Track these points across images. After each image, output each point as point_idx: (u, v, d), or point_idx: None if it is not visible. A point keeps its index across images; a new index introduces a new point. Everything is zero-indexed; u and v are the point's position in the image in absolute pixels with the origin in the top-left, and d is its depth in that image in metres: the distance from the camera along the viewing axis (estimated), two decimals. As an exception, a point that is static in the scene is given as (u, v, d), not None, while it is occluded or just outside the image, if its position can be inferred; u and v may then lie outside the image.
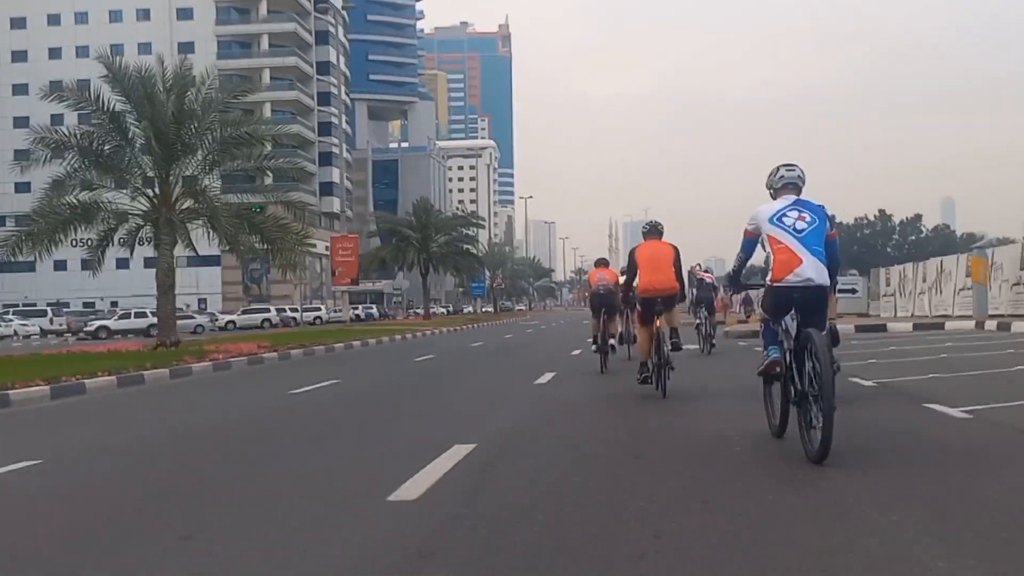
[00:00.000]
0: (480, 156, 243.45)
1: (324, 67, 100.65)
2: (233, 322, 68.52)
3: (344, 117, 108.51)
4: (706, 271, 23.01)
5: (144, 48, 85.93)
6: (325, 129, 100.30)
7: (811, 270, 6.66)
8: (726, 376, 14.10)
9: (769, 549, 4.45)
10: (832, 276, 6.94)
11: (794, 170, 7.24)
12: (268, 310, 70.12)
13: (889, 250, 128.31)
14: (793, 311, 6.83)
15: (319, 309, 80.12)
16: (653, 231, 11.91)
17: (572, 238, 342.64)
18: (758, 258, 7.36)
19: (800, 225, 6.80)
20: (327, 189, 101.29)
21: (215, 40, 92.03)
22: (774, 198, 7.22)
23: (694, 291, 20.61)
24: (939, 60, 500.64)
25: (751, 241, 7.22)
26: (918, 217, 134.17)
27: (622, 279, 14.50)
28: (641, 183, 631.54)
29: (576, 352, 22.47)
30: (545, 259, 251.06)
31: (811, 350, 6.35)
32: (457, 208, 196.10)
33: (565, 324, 52.91)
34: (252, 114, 28.08)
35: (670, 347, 11.07)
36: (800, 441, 6.57)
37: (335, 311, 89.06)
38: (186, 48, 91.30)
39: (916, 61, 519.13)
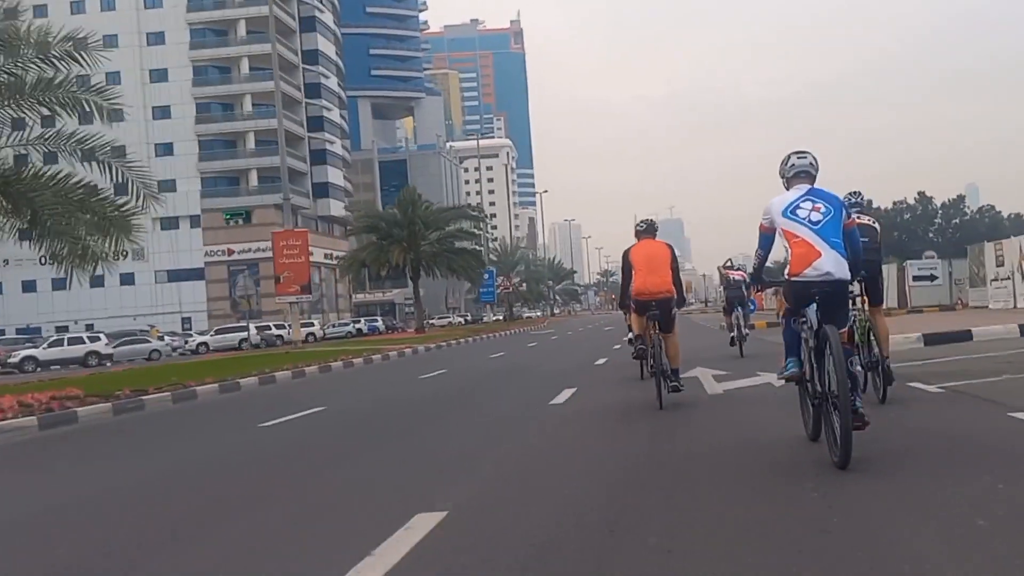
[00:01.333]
0: (497, 156, 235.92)
1: (312, 56, 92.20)
2: (206, 344, 59.78)
3: (340, 112, 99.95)
4: (737, 269, 20.65)
5: (110, 40, 77.70)
6: (316, 123, 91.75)
7: (830, 263, 6.39)
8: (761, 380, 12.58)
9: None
10: (855, 269, 6.72)
11: (805, 157, 6.90)
12: (246, 329, 61.42)
13: (931, 235, 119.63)
14: (815, 307, 6.51)
15: (312, 325, 71.54)
16: (649, 230, 11.06)
17: (596, 239, 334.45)
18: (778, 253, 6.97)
19: (815, 216, 6.51)
20: (322, 190, 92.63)
21: (187, 29, 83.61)
22: (787, 188, 6.86)
23: (723, 291, 19.88)
24: (952, 46, 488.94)
25: (767, 236, 6.89)
26: (961, 199, 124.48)
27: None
28: (665, 184, 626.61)
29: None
30: (568, 261, 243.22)
31: (829, 348, 6.18)
32: (471, 208, 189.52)
33: (578, 335, 44.29)
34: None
35: (670, 390, 10.29)
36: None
37: (333, 326, 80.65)
38: (156, 38, 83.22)
39: (929, 48, 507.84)
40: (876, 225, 9.46)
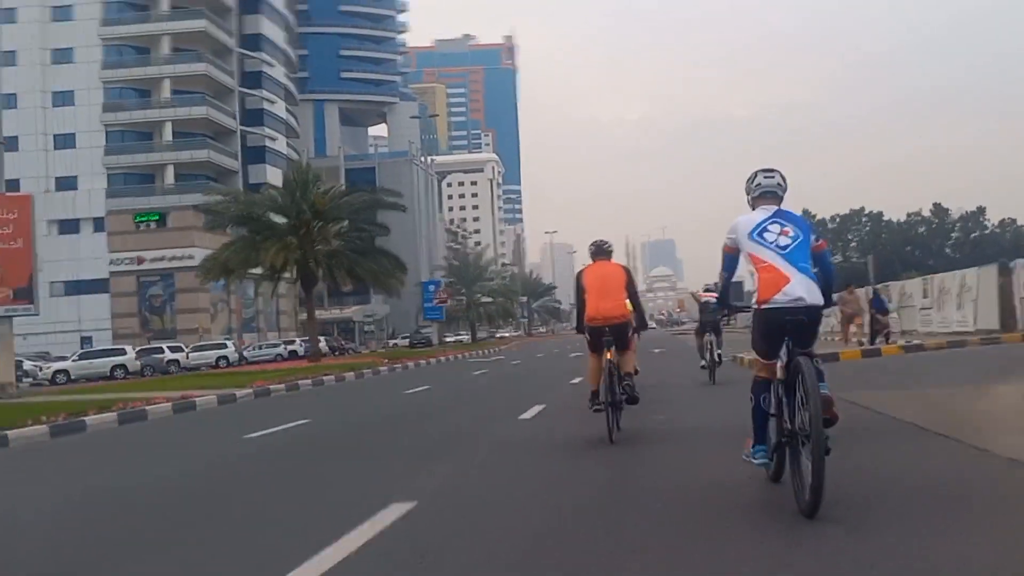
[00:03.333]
0: (482, 171, 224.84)
1: (253, 41, 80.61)
2: (66, 372, 47.16)
3: (288, 107, 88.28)
4: (708, 290, 18.77)
5: (6, 15, 66.17)
6: (255, 117, 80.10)
7: (801, 288, 5.88)
8: (730, 410, 11.13)
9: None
10: (827, 294, 6.11)
11: (773, 176, 6.41)
12: (122, 352, 49.44)
13: (948, 250, 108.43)
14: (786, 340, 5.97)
15: (225, 347, 59.57)
16: (599, 251, 10.27)
17: (585, 257, 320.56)
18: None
19: (783, 240, 6.04)
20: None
21: (98, 3, 71.82)
22: (752, 208, 6.37)
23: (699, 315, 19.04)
24: (940, 57, 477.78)
25: (731, 257, 6.40)
26: (981, 210, 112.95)
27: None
28: (657, 204, 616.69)
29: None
30: (554, 279, 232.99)
31: (800, 380, 5.63)
32: (451, 224, 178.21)
33: (534, 363, 32.88)
34: None
35: (622, 392, 9.56)
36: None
37: (259, 347, 68.63)
38: (61, 13, 71.37)
39: (916, 59, 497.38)
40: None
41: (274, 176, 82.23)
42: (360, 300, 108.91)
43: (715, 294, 17.83)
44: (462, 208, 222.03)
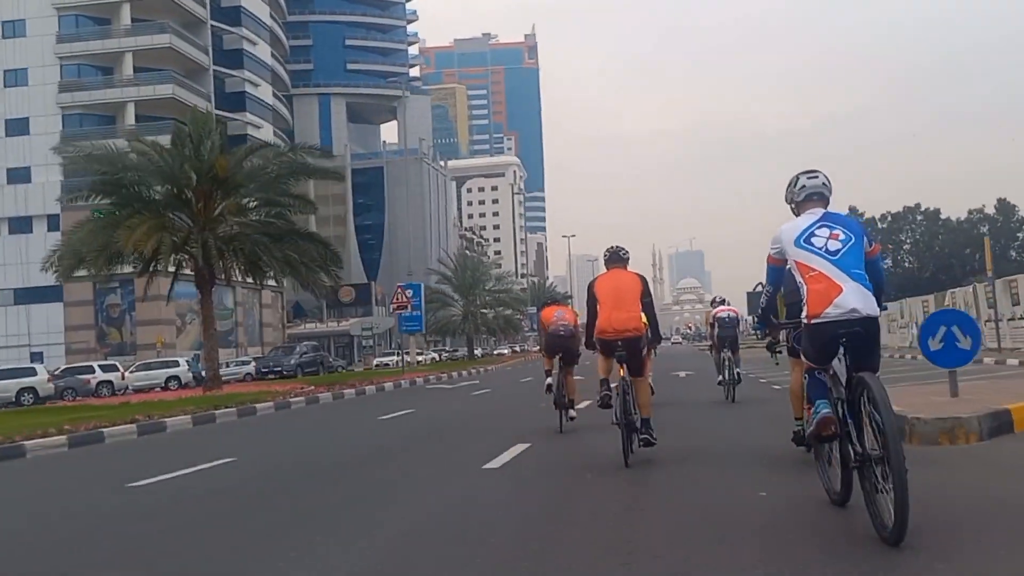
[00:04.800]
0: (503, 175, 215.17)
1: (233, 14, 71.21)
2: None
3: (275, 92, 78.80)
4: (723, 303, 18.11)
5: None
6: (235, 100, 70.65)
7: (855, 299, 5.38)
8: (751, 431, 11.12)
9: None
10: (879, 302, 5.65)
11: (817, 176, 5.97)
12: (33, 372, 39.87)
13: (1013, 252, 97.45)
14: (841, 352, 5.55)
15: (177, 364, 50.04)
16: (614, 258, 9.62)
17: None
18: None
19: (833, 245, 5.57)
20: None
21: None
22: (796, 214, 5.96)
23: (714, 330, 17.34)
24: (972, 73, 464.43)
25: (777, 269, 6.00)
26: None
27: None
28: (685, 215, 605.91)
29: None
30: (581, 292, 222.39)
31: (868, 398, 5.18)
32: (465, 230, 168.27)
33: (508, 395, 23.32)
34: None
35: (641, 443, 8.86)
36: (868, 516, 5.25)
37: (227, 365, 59.04)
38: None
39: (952, 74, 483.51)
40: None
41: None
42: (367, 312, 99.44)
43: (731, 308, 17.66)
44: (482, 215, 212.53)
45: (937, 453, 8.13)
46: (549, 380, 12.97)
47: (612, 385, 9.12)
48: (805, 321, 5.56)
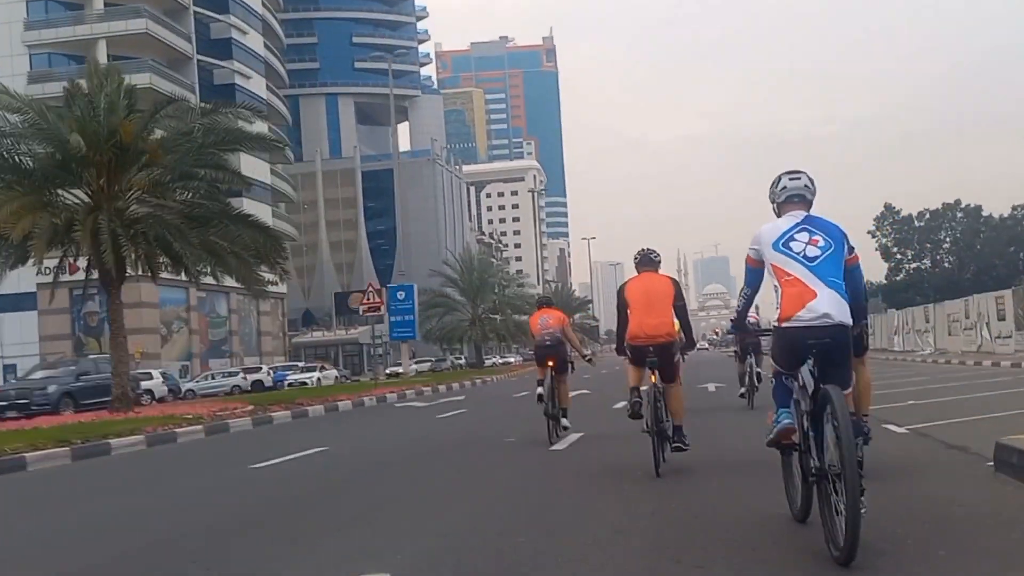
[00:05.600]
0: (523, 180, 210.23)
1: (221, 1, 66.43)
2: None
3: (269, 84, 73.91)
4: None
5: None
6: (224, 92, 65.67)
7: (828, 304, 5.29)
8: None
9: None
10: (859, 314, 5.89)
11: (799, 178, 5.81)
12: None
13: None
14: (811, 362, 5.39)
15: (150, 377, 45.08)
16: (646, 261, 9.23)
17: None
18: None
19: (812, 251, 5.46)
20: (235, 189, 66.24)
21: (17, -52, 58.00)
22: (778, 215, 5.81)
23: (737, 337, 16.71)
24: (1016, 65, 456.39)
25: (755, 271, 5.85)
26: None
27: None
28: (710, 221, 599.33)
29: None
30: (612, 303, 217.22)
31: (830, 412, 5.02)
32: (482, 234, 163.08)
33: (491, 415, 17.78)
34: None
35: (669, 424, 8.73)
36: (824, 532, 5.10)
37: (210, 377, 54.12)
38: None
39: (994, 67, 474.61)
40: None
41: (251, 164, 67.88)
42: (379, 320, 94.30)
43: (755, 315, 16.85)
44: (502, 220, 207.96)
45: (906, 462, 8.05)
46: (540, 390, 12.36)
47: (642, 389, 8.73)
48: (775, 324, 5.47)
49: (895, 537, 5.36)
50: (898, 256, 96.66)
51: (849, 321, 5.30)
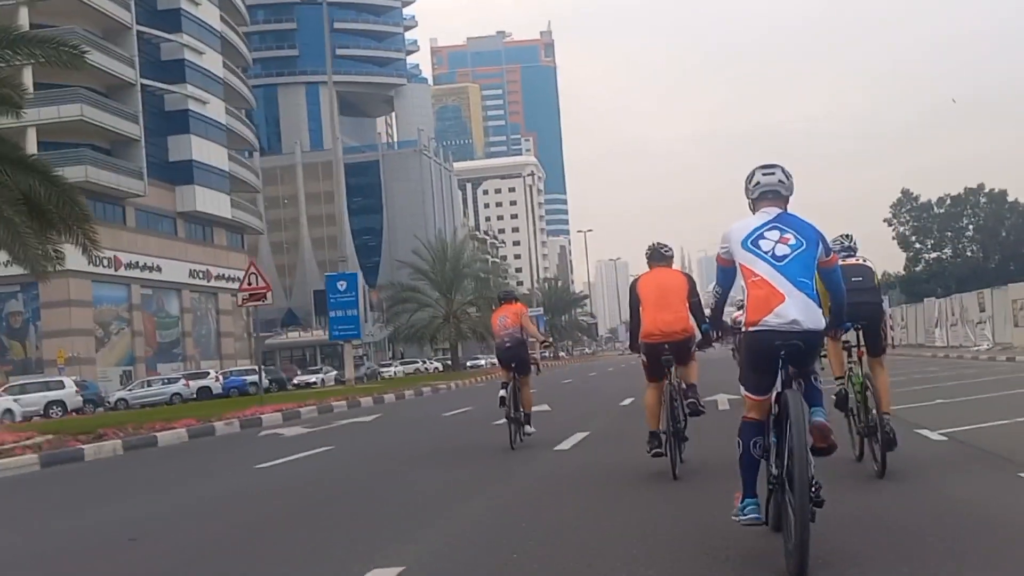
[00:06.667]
0: (519, 176, 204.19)
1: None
2: None
3: (227, 62, 67.34)
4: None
5: None
6: (173, 70, 59.29)
7: (796, 309, 5.05)
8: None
9: None
10: (838, 317, 5.87)
11: (773, 173, 5.48)
12: None
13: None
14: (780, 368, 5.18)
15: (62, 386, 38.70)
16: (657, 256, 8.93)
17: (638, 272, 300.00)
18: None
19: (781, 250, 5.21)
20: (184, 173, 59.70)
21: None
22: (753, 212, 5.53)
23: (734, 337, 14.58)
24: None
25: (725, 271, 5.66)
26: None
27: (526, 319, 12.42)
28: (713, 220, 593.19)
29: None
30: (615, 300, 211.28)
31: (788, 417, 4.86)
32: (476, 230, 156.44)
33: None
34: None
35: (687, 411, 8.48)
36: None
37: (146, 384, 47.66)
38: None
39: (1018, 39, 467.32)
40: (870, 264, 8.14)
41: (205, 150, 61.44)
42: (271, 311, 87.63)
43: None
44: (500, 218, 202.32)
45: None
46: (502, 392, 11.82)
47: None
48: (743, 328, 5.30)
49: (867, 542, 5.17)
50: (917, 245, 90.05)
51: (820, 326, 5.12)
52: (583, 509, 6.93)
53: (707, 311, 6.19)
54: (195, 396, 44.62)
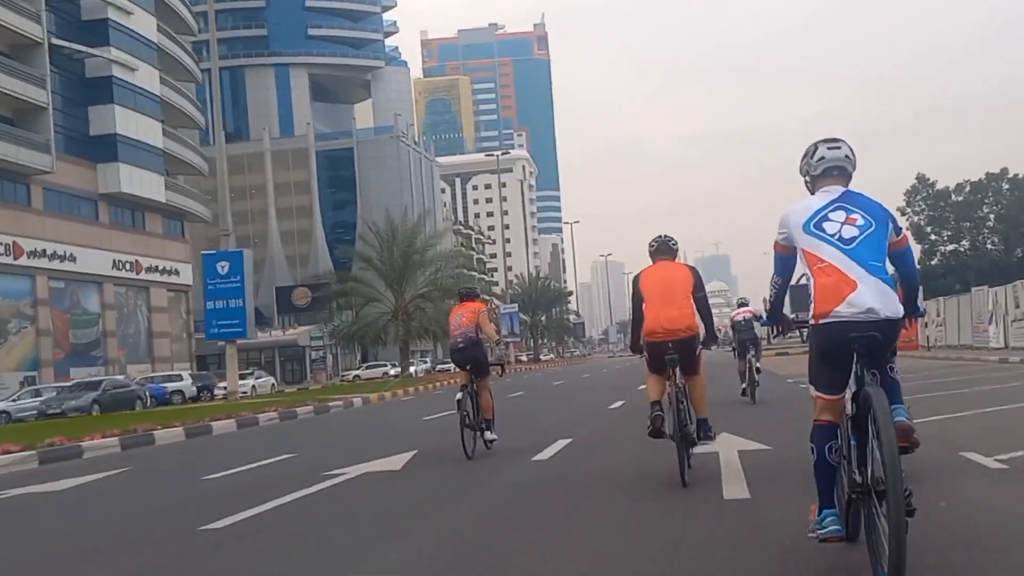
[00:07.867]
0: (511, 171, 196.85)
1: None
2: None
3: (161, 25, 59.80)
4: (742, 305, 18.20)
5: None
6: (94, 32, 51.83)
7: (872, 297, 4.45)
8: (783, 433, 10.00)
9: None
10: (911, 303, 4.94)
11: (840, 147, 4.86)
12: None
13: None
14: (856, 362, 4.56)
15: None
16: (663, 248, 8.31)
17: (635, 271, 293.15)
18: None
19: (849, 232, 4.61)
20: (107, 149, 52.17)
21: None
22: (811, 191, 4.92)
23: (733, 334, 17.72)
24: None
25: (784, 258, 4.99)
26: None
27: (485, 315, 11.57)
28: (710, 219, 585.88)
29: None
30: (615, 298, 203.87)
31: (871, 416, 4.28)
32: (460, 224, 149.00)
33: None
34: None
35: (693, 426, 7.90)
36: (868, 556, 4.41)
37: (14, 399, 40.15)
38: None
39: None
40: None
41: (130, 121, 53.86)
42: (311, 318, 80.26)
43: (748, 309, 17.83)
44: (490, 214, 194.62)
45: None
46: (459, 395, 10.94)
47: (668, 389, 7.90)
48: (811, 321, 4.67)
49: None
50: (932, 237, 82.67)
51: (898, 314, 4.53)
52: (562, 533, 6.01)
53: (749, 310, 7.25)
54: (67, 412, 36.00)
